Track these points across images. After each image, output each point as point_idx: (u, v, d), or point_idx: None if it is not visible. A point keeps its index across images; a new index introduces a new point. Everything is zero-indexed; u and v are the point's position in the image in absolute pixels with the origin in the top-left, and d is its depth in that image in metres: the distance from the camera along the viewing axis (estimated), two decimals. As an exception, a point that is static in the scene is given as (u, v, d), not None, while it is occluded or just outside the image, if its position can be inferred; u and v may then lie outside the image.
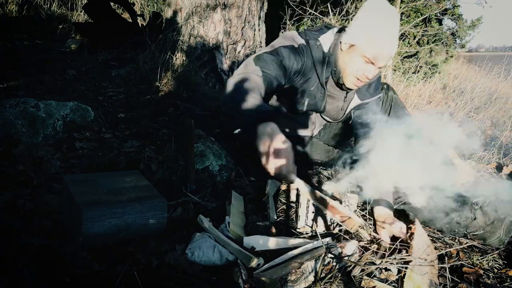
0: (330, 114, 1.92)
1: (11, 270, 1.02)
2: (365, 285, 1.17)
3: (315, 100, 1.81)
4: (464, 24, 6.01)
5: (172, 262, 1.18)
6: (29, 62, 3.11)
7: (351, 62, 1.64)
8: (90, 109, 2.20)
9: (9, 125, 1.79)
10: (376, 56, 1.58)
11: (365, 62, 1.61)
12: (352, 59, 1.63)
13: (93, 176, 1.49)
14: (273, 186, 1.75)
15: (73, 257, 1.12)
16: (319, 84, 1.77)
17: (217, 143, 2.00)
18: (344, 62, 1.67)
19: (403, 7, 5.42)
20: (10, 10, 4.34)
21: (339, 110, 1.90)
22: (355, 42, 1.61)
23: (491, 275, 1.32)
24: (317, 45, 1.70)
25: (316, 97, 1.80)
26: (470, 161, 2.59)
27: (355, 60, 1.63)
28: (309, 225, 1.47)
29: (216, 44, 3.35)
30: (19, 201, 1.36)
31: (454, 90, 4.99)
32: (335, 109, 1.89)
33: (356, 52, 1.62)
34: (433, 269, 1.24)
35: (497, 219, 1.50)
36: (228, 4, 3.34)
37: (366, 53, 1.59)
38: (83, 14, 4.64)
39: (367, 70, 1.63)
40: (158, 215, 1.32)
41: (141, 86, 2.87)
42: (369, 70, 1.62)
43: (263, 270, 1.18)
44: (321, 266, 1.16)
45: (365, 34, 1.58)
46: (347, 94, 1.83)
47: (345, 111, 1.90)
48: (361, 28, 1.60)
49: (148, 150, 1.90)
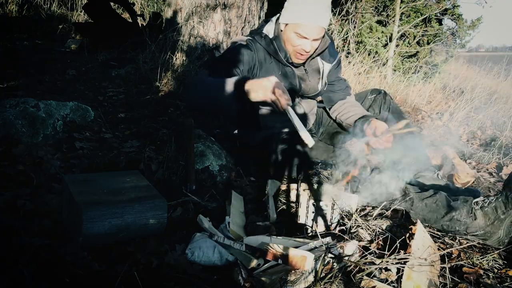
0: (309, 91, 2.00)
1: (11, 270, 1.02)
2: (365, 285, 1.17)
3: (289, 81, 1.89)
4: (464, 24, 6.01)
5: (172, 262, 1.19)
6: (29, 62, 3.11)
7: (288, 40, 1.79)
8: (90, 109, 2.20)
9: (9, 125, 1.79)
10: (305, 30, 1.72)
11: (298, 37, 1.75)
12: (289, 37, 1.78)
13: (93, 176, 1.49)
14: (273, 186, 1.75)
15: (73, 257, 1.12)
16: (282, 66, 1.87)
17: (217, 143, 2.00)
18: (285, 41, 1.81)
19: (403, 7, 5.43)
20: (10, 10, 4.34)
21: (316, 84, 1.99)
22: (286, 21, 1.77)
23: (491, 275, 1.32)
24: (262, 36, 1.84)
25: (287, 79, 1.89)
26: (470, 161, 2.59)
27: (291, 37, 1.77)
28: (309, 225, 1.47)
29: (216, 44, 3.35)
30: (19, 201, 1.36)
31: (454, 90, 4.98)
32: (311, 85, 1.98)
33: (289, 30, 1.77)
34: (434, 269, 1.24)
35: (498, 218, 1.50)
36: (228, 4, 3.34)
37: (296, 30, 1.73)
38: (83, 14, 4.64)
39: (303, 45, 1.76)
40: (158, 215, 1.32)
41: (141, 86, 2.87)
42: (304, 44, 1.76)
43: (263, 270, 1.18)
44: (321, 266, 1.16)
45: (291, 13, 1.74)
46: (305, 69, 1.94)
47: (322, 81, 1.99)
48: (288, 7, 1.76)
49: (148, 150, 1.90)
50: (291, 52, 1.82)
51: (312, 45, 1.78)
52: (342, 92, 2.07)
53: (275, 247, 1.19)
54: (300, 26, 1.72)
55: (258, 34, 1.86)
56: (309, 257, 1.16)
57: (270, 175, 1.87)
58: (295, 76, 1.90)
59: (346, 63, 4.57)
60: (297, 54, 1.81)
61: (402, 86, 4.46)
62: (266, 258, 1.19)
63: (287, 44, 1.81)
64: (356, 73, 4.38)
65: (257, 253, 1.20)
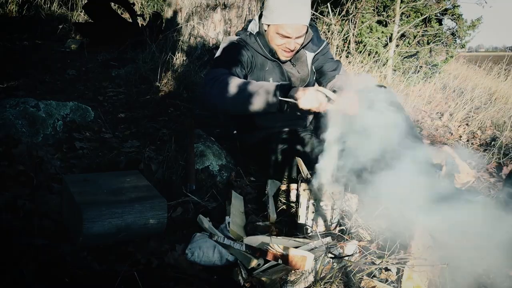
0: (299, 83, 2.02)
1: (11, 270, 1.02)
2: (365, 285, 1.17)
3: (278, 76, 1.91)
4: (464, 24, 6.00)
5: (172, 262, 1.19)
6: (29, 62, 3.11)
7: (273, 39, 1.83)
8: (90, 109, 2.20)
9: (9, 125, 1.79)
10: (287, 30, 1.75)
11: (281, 37, 1.79)
12: (272, 37, 1.82)
13: (93, 176, 1.49)
14: (273, 186, 1.75)
15: (73, 257, 1.12)
16: (270, 62, 1.90)
17: (217, 143, 2.00)
18: (270, 41, 1.85)
19: (403, 7, 5.42)
20: (10, 10, 4.34)
21: (303, 74, 2.01)
22: (268, 22, 1.81)
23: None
24: (247, 34, 1.89)
25: (276, 73, 1.92)
26: (470, 161, 2.59)
27: (274, 37, 1.81)
28: (309, 225, 1.47)
29: (216, 44, 3.35)
30: (19, 201, 1.36)
31: (454, 90, 4.98)
32: (300, 77, 2.01)
33: (272, 30, 1.81)
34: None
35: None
36: (228, 4, 3.34)
37: (278, 30, 1.77)
38: (83, 14, 4.64)
39: (287, 43, 1.80)
40: (158, 215, 1.32)
41: (141, 86, 2.87)
42: (288, 42, 1.80)
43: (263, 270, 1.18)
44: (321, 266, 1.16)
45: (272, 13, 1.77)
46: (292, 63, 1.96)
47: (308, 69, 2.01)
48: (268, 7, 1.79)
49: (148, 150, 1.90)
50: (277, 50, 1.86)
51: (297, 42, 1.81)
52: (332, 73, 2.07)
53: (275, 247, 1.19)
54: (281, 26, 1.75)
55: (243, 34, 1.90)
56: (309, 257, 1.16)
57: (270, 175, 1.87)
58: (283, 70, 1.93)
59: (346, 63, 4.57)
60: (283, 52, 1.85)
61: (402, 86, 4.46)
62: (266, 258, 1.19)
63: (271, 42, 1.85)
64: (356, 73, 4.38)
65: (257, 253, 1.20)
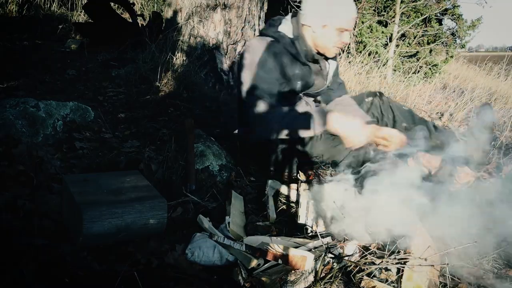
0: (318, 87, 2.04)
1: (11, 270, 1.02)
2: (365, 285, 1.17)
3: (306, 79, 1.93)
4: (464, 24, 6.00)
5: (172, 262, 1.19)
6: (29, 62, 3.11)
7: (330, 39, 1.82)
8: (90, 109, 2.20)
9: (9, 125, 1.79)
10: (348, 23, 1.79)
11: (340, 33, 1.80)
12: (329, 36, 1.81)
13: (93, 176, 1.49)
14: (273, 186, 1.75)
15: (73, 257, 1.12)
16: (301, 64, 1.90)
17: (217, 143, 2.00)
18: (322, 41, 1.84)
19: (403, 7, 5.43)
20: (10, 10, 4.34)
21: (323, 80, 2.04)
22: (326, 23, 1.79)
23: (491, 275, 1.32)
24: (281, 35, 1.86)
25: (305, 77, 1.92)
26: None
27: (332, 35, 1.81)
28: (309, 225, 1.47)
29: (216, 44, 3.35)
30: (19, 201, 1.36)
31: (454, 90, 4.98)
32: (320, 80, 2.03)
33: (330, 29, 1.80)
34: (434, 269, 1.24)
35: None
36: (228, 4, 3.33)
37: (341, 26, 1.78)
38: (83, 14, 4.64)
39: (344, 37, 1.82)
40: (158, 215, 1.32)
41: (141, 86, 2.86)
42: (345, 36, 1.82)
43: (263, 270, 1.18)
44: (321, 266, 1.16)
45: (331, 12, 1.77)
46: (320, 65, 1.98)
47: (327, 76, 2.04)
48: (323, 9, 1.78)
49: (148, 150, 1.90)
50: (329, 49, 1.86)
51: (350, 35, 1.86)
52: (337, 89, 2.12)
53: (275, 247, 1.19)
54: (344, 22, 1.77)
55: (276, 33, 1.87)
56: (309, 257, 1.16)
57: (270, 175, 1.87)
58: (311, 73, 1.94)
59: (346, 63, 4.57)
60: (337, 49, 1.87)
61: (402, 86, 4.46)
62: (266, 258, 1.19)
63: (325, 43, 1.84)
64: (356, 73, 4.38)
65: (257, 253, 1.20)
